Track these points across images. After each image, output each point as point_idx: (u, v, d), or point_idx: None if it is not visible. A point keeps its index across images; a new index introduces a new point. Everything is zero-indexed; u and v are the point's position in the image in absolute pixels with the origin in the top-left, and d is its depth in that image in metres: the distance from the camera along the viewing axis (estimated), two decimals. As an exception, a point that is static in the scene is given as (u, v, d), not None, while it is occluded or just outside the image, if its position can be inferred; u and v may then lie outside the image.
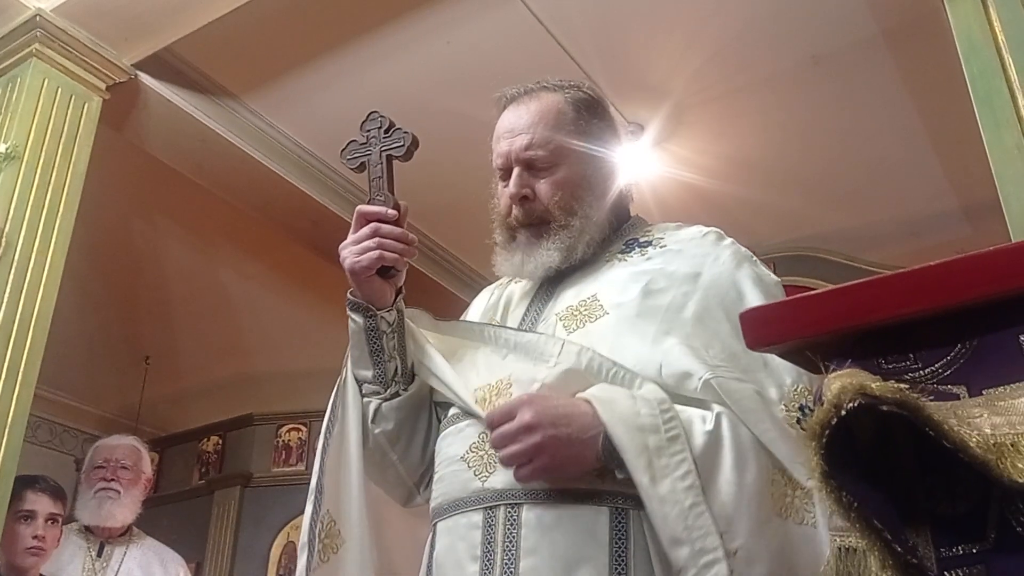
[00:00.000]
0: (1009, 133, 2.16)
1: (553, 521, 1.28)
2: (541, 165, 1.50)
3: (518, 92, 1.59)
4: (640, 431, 1.23)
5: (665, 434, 1.23)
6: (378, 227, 1.46)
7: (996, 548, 0.83)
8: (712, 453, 1.23)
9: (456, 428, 1.44)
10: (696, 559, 1.16)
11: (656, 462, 1.21)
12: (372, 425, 1.52)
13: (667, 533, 1.18)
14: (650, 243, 1.55)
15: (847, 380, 0.80)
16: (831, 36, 3.83)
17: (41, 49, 3.31)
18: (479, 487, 1.34)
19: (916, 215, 4.88)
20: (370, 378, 1.52)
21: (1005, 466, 0.78)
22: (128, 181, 4.59)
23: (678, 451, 1.22)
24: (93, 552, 3.14)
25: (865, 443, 0.89)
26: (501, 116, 1.58)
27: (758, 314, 0.93)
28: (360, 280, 1.47)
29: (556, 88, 1.58)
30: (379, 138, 1.56)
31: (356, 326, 1.50)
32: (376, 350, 1.50)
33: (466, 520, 1.34)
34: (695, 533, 1.17)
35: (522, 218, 1.52)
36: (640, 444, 1.22)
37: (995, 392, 0.84)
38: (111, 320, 5.97)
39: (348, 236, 1.50)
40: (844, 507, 0.80)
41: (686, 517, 1.18)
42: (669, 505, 1.19)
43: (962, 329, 0.87)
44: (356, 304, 1.50)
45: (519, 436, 1.25)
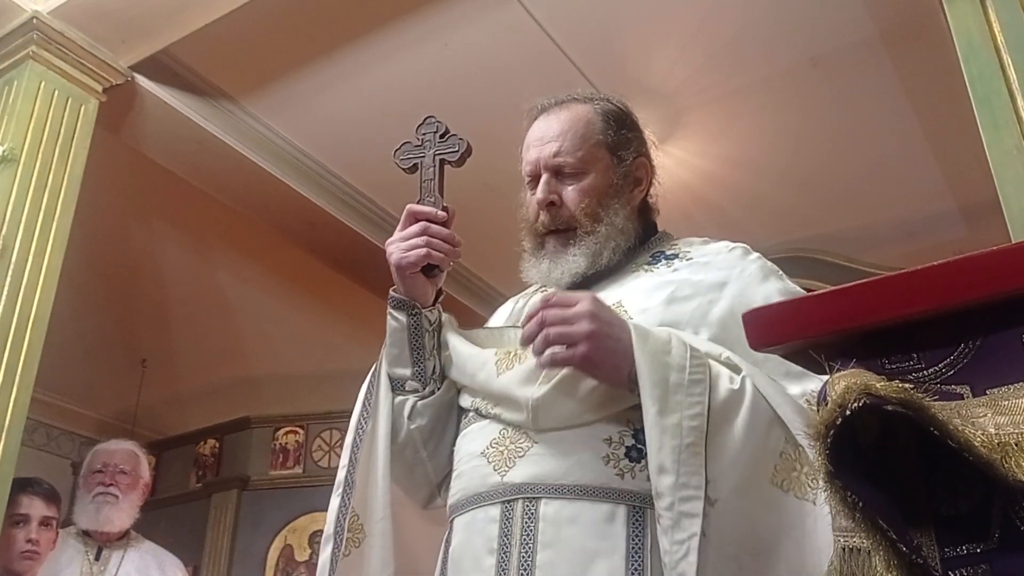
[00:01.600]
0: (1008, 134, 2.17)
1: (571, 516, 1.29)
2: (569, 171, 1.53)
3: (549, 103, 1.62)
4: (664, 366, 1.25)
5: (689, 375, 1.25)
6: (427, 226, 1.50)
7: (1000, 547, 0.83)
8: (728, 409, 1.24)
9: (478, 426, 1.45)
10: (676, 491, 1.17)
11: (671, 398, 1.23)
12: (408, 421, 1.54)
13: (657, 460, 1.20)
14: (676, 255, 1.58)
15: (852, 380, 0.80)
16: (829, 37, 3.83)
17: (38, 51, 3.30)
18: (498, 481, 1.35)
19: (913, 216, 4.89)
20: (409, 375, 1.54)
21: (1010, 465, 0.78)
22: (125, 184, 4.58)
23: (696, 394, 1.24)
24: (91, 556, 3.14)
25: (869, 443, 0.89)
26: (532, 126, 1.62)
27: (761, 314, 0.93)
28: (405, 276, 1.51)
29: (587, 100, 1.61)
30: (434, 142, 1.58)
31: (399, 324, 1.53)
32: (417, 347, 1.53)
33: (484, 514, 1.36)
34: (684, 468, 1.18)
35: (549, 224, 1.54)
36: (660, 377, 1.24)
37: (999, 392, 0.84)
38: (108, 323, 5.96)
39: (395, 232, 1.53)
40: (849, 507, 0.80)
41: (680, 452, 1.19)
42: (669, 436, 1.20)
43: (965, 329, 0.87)
44: (401, 301, 1.53)
45: (574, 319, 1.28)
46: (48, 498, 3.02)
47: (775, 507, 1.21)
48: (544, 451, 1.34)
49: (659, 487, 1.19)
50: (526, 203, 1.60)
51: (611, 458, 1.31)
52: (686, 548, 1.15)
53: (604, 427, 1.33)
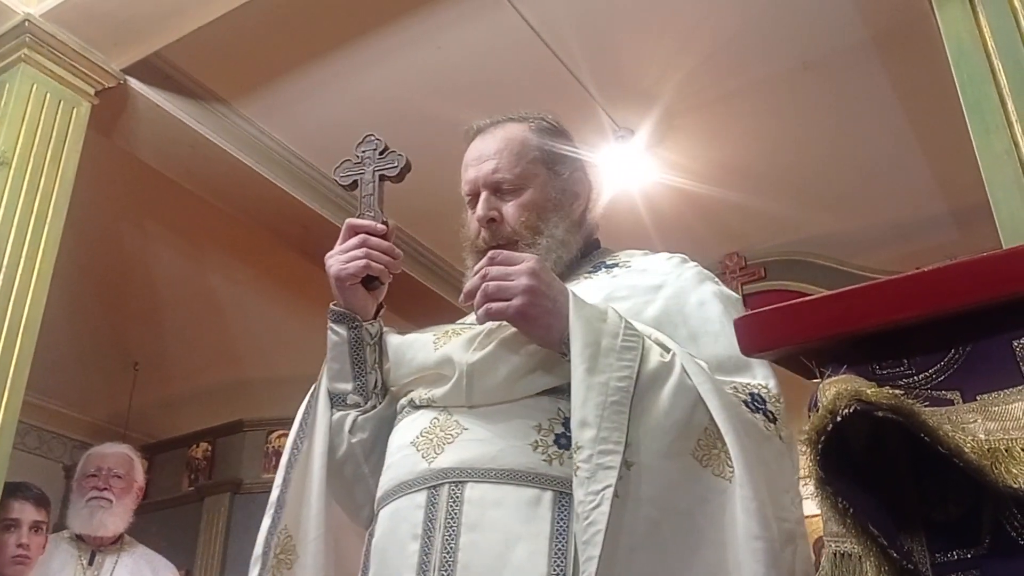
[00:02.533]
0: (999, 138, 2.18)
1: (497, 499, 1.29)
2: (507, 188, 1.55)
3: (485, 124, 1.65)
4: (597, 331, 1.27)
5: (621, 341, 1.27)
6: (366, 238, 1.50)
7: (991, 553, 0.83)
8: (656, 378, 1.25)
9: (410, 418, 1.44)
10: (596, 444, 1.18)
11: (601, 359, 1.24)
12: (349, 435, 1.52)
13: (580, 415, 1.21)
14: (617, 264, 1.59)
15: (842, 386, 0.80)
16: (821, 42, 3.84)
17: (30, 54, 3.29)
18: (425, 468, 1.35)
19: (905, 219, 4.90)
20: (350, 389, 1.53)
21: (1000, 471, 0.78)
22: (117, 187, 4.57)
23: (627, 360, 1.25)
24: (84, 560, 3.12)
25: (859, 450, 0.89)
26: (469, 147, 1.64)
27: (752, 320, 0.94)
28: (344, 288, 1.50)
29: (522, 119, 1.64)
30: (373, 159, 1.60)
31: (339, 338, 1.52)
32: (358, 361, 1.52)
33: (409, 501, 1.35)
34: (606, 423, 1.19)
35: (490, 240, 1.54)
36: (592, 339, 1.25)
37: (989, 398, 0.84)
38: (100, 326, 5.94)
39: (335, 247, 1.52)
40: (840, 512, 0.80)
41: (604, 408, 1.20)
42: (594, 393, 1.21)
43: (955, 335, 0.88)
44: (341, 315, 1.52)
45: (515, 275, 1.31)
46: (38, 502, 3.00)
47: (694, 479, 1.22)
48: (473, 437, 1.35)
49: (579, 440, 1.19)
50: (466, 222, 1.62)
51: (539, 444, 1.31)
52: (600, 498, 1.15)
53: (534, 414, 1.34)
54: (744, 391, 1.30)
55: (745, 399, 1.29)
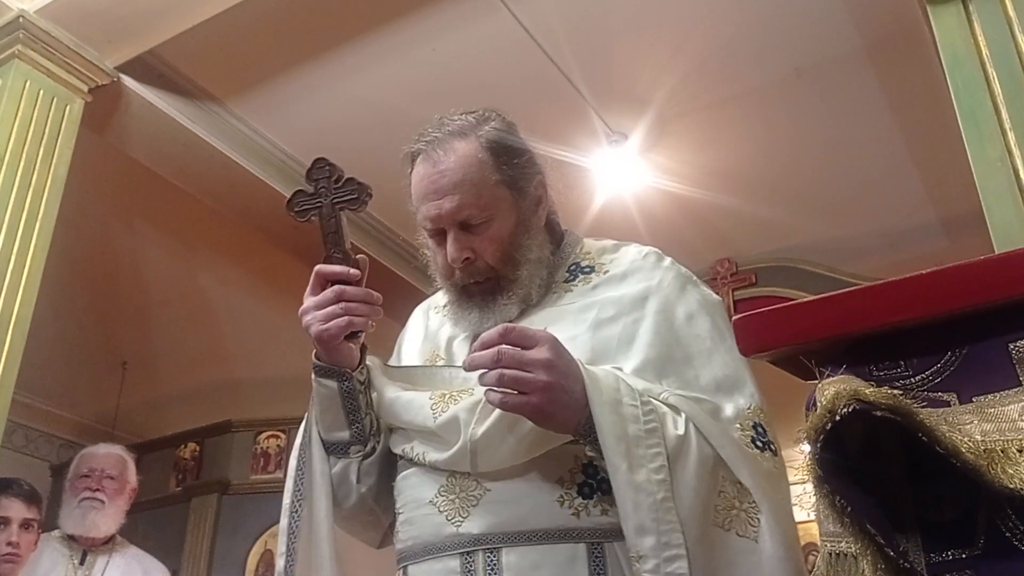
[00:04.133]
0: (993, 146, 2.19)
1: (534, 562, 1.27)
2: (475, 222, 1.44)
3: (427, 144, 1.49)
4: (622, 418, 1.23)
5: (644, 425, 1.23)
6: (342, 290, 1.40)
7: (985, 553, 0.84)
8: (681, 455, 1.23)
9: (422, 469, 1.40)
10: (660, 551, 1.16)
11: (634, 451, 1.21)
12: (358, 484, 1.48)
13: (635, 521, 1.18)
14: (592, 268, 1.54)
15: (841, 386, 0.80)
16: (814, 49, 3.86)
17: (23, 50, 3.28)
18: (453, 532, 1.32)
19: (895, 227, 4.93)
20: (348, 439, 1.47)
21: (996, 472, 0.79)
22: (109, 184, 4.56)
23: (655, 444, 1.22)
24: (76, 560, 3.11)
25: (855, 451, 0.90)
26: (415, 170, 1.50)
27: (752, 321, 0.94)
28: (329, 347, 1.42)
29: (467, 132, 1.49)
30: (330, 189, 1.47)
31: (329, 391, 1.45)
32: (352, 410, 1.46)
33: (442, 566, 1.32)
34: (663, 526, 1.17)
35: (468, 279, 1.47)
36: (621, 431, 1.22)
37: (985, 399, 0.85)
38: (88, 324, 5.92)
39: (307, 297, 1.43)
40: (838, 512, 0.81)
41: (657, 509, 1.18)
42: (643, 495, 1.19)
43: (952, 337, 0.88)
44: (328, 370, 1.44)
45: (532, 366, 1.23)
46: (28, 499, 2.99)
47: (721, 548, 1.21)
48: (498, 499, 1.32)
49: (641, 549, 1.17)
50: (431, 250, 1.52)
51: (565, 498, 1.30)
52: None
53: (554, 468, 1.31)
54: (748, 426, 1.30)
55: (752, 436, 1.28)
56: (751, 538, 1.22)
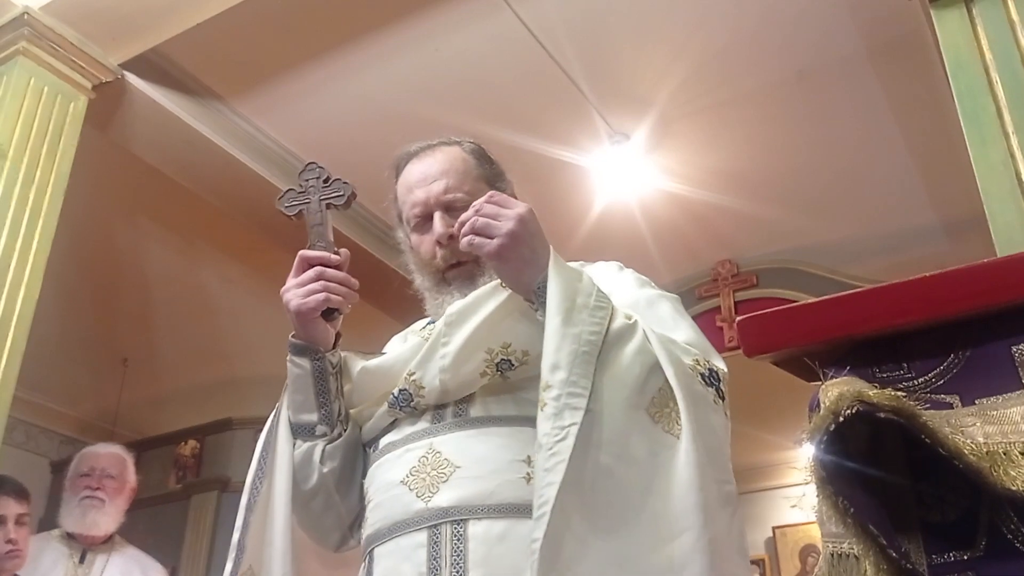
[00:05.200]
0: (995, 149, 2.19)
1: (500, 534, 1.31)
2: (460, 206, 1.54)
3: (418, 148, 1.67)
4: (573, 289, 1.34)
5: (594, 300, 1.34)
6: (322, 271, 1.51)
7: (986, 555, 0.84)
8: (620, 337, 1.31)
9: (394, 455, 1.45)
10: (566, 386, 1.24)
11: (575, 315, 1.30)
12: (320, 465, 1.52)
13: (553, 359, 1.26)
14: None
15: (845, 387, 0.81)
16: (816, 51, 3.87)
17: (28, 47, 3.28)
18: (422, 507, 1.36)
19: (896, 230, 4.93)
20: (316, 420, 1.53)
21: (999, 474, 0.79)
22: (112, 182, 4.56)
23: (599, 317, 1.32)
24: (76, 559, 3.13)
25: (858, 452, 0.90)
26: (405, 171, 1.66)
27: (755, 322, 0.95)
28: (305, 321, 1.50)
29: (452, 142, 1.67)
30: (318, 188, 1.60)
31: (301, 370, 1.52)
32: (322, 391, 1.52)
33: (409, 540, 1.36)
34: (576, 369, 1.25)
35: (449, 258, 1.57)
36: (568, 296, 1.32)
37: (988, 402, 0.85)
38: (90, 321, 5.92)
39: (289, 279, 1.53)
40: (840, 512, 0.81)
41: (576, 356, 1.26)
42: (568, 341, 1.27)
43: (955, 340, 0.89)
44: (303, 347, 1.52)
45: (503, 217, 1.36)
46: (19, 495, 2.99)
47: (646, 432, 1.27)
48: (467, 475, 1.36)
49: (550, 380, 1.25)
50: (413, 245, 1.64)
51: (531, 476, 1.32)
52: (565, 432, 1.21)
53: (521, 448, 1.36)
54: (704, 365, 1.34)
55: (703, 372, 1.33)
56: (674, 435, 1.26)
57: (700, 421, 1.25)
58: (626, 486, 1.23)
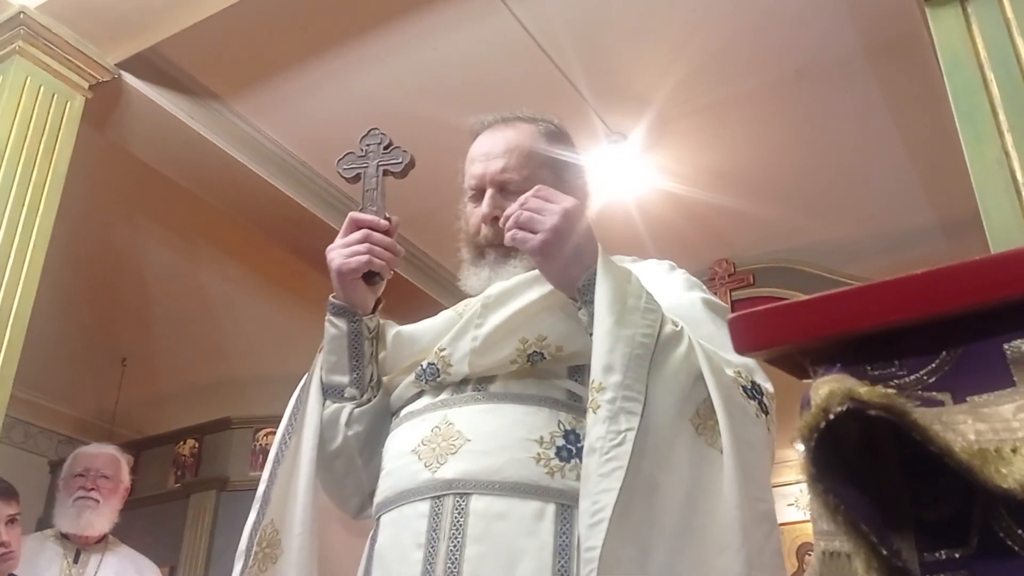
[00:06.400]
0: (990, 148, 2.20)
1: (501, 512, 1.30)
2: (513, 189, 1.54)
3: (494, 119, 1.65)
4: (623, 290, 1.32)
5: (644, 303, 1.32)
6: (369, 234, 1.50)
7: (979, 553, 0.84)
8: (669, 342, 1.30)
9: (409, 424, 1.46)
10: (621, 389, 1.22)
11: (627, 316, 1.29)
12: (345, 428, 1.52)
13: (606, 360, 1.25)
14: None
15: (835, 385, 0.81)
16: (814, 51, 3.87)
17: (24, 46, 3.29)
18: (428, 477, 1.36)
19: (894, 229, 4.94)
20: (347, 383, 1.54)
21: (989, 472, 0.79)
22: (109, 181, 4.57)
23: (650, 319, 1.30)
24: (70, 559, 3.14)
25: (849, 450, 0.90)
26: (476, 141, 1.64)
27: (746, 319, 0.94)
28: (346, 282, 1.50)
29: (531, 120, 1.65)
30: (377, 153, 1.59)
31: (338, 331, 1.52)
32: (356, 355, 1.52)
33: (412, 510, 1.36)
34: (631, 372, 1.23)
35: (492, 238, 1.55)
36: (619, 296, 1.30)
37: (979, 399, 0.85)
38: (88, 321, 5.93)
39: (336, 239, 1.52)
40: (831, 510, 0.81)
41: (630, 359, 1.24)
42: (622, 344, 1.25)
43: (947, 337, 0.88)
44: (341, 308, 1.52)
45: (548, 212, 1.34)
46: (8, 496, 2.98)
47: (690, 444, 1.26)
48: (476, 448, 1.36)
49: (604, 382, 1.23)
50: (466, 215, 1.63)
51: (542, 457, 1.33)
52: (622, 438, 1.19)
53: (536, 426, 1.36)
54: (746, 378, 1.33)
55: (744, 385, 1.32)
56: (717, 448, 1.25)
57: (738, 434, 1.24)
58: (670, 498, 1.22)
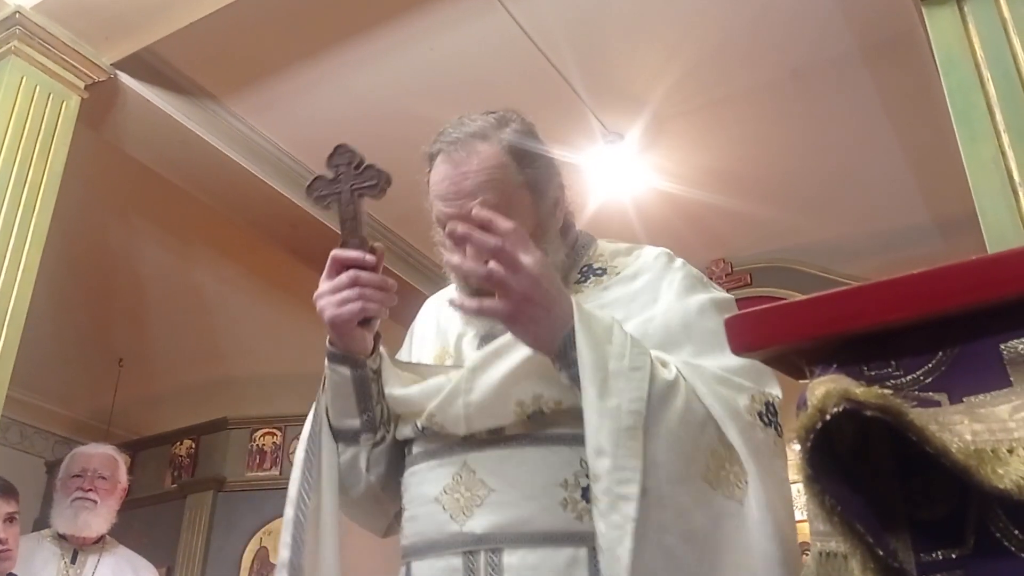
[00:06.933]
0: (986, 147, 2.20)
1: (535, 564, 1.27)
2: None
3: (448, 144, 1.46)
4: (604, 353, 1.24)
5: (629, 362, 1.24)
6: (357, 275, 1.39)
7: (975, 553, 0.84)
8: (664, 399, 1.23)
9: (427, 466, 1.41)
10: (614, 472, 1.17)
11: (611, 383, 1.22)
12: (367, 473, 1.48)
13: (595, 442, 1.19)
14: (604, 270, 1.53)
15: (831, 385, 0.81)
16: (809, 50, 3.87)
17: (20, 46, 3.28)
18: (457, 530, 1.32)
19: (890, 228, 4.94)
20: (359, 427, 1.47)
21: (985, 472, 0.79)
22: (105, 181, 4.56)
23: (637, 380, 1.23)
24: (67, 559, 3.13)
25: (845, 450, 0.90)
26: (436, 168, 1.47)
27: (743, 320, 0.94)
28: (342, 333, 1.41)
29: (488, 134, 1.46)
30: (350, 174, 1.44)
31: (341, 378, 1.44)
32: (364, 397, 1.45)
33: (444, 563, 1.33)
34: (622, 451, 1.17)
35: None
36: (601, 363, 1.23)
37: (975, 399, 0.85)
38: (85, 321, 5.92)
39: (322, 282, 1.42)
40: (827, 511, 0.81)
41: (619, 435, 1.18)
42: (608, 419, 1.19)
43: (943, 337, 0.88)
44: (342, 357, 1.44)
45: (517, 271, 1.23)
46: (7, 494, 2.97)
47: (706, 503, 1.21)
48: (502, 500, 1.32)
49: (596, 469, 1.18)
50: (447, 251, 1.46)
51: (568, 501, 1.30)
52: (621, 532, 1.14)
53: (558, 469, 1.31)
54: (760, 400, 1.29)
55: (760, 410, 1.28)
56: (736, 500, 1.22)
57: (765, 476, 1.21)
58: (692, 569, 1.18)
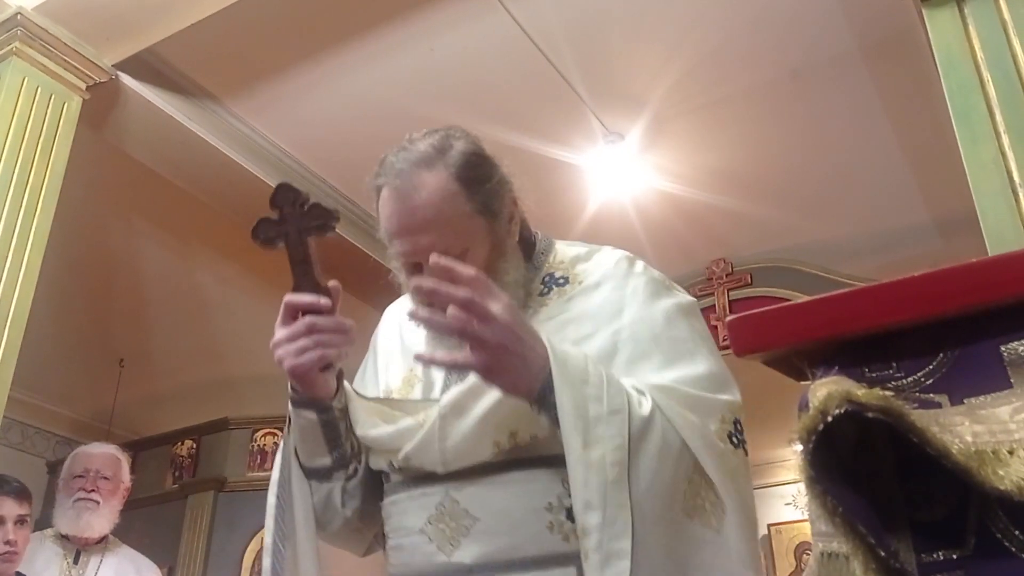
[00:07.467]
0: (986, 148, 2.20)
1: None
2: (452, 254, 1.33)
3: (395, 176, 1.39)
4: (583, 398, 1.22)
5: (607, 406, 1.23)
6: (314, 322, 1.36)
7: (976, 554, 0.84)
8: (644, 437, 1.23)
9: (408, 495, 1.40)
10: (605, 528, 1.16)
11: (592, 431, 1.21)
12: (343, 508, 1.47)
13: (583, 496, 1.18)
14: (567, 279, 1.51)
15: (833, 387, 0.81)
16: (809, 51, 3.87)
17: (21, 47, 3.29)
18: (445, 561, 1.32)
19: (890, 228, 4.94)
20: (329, 464, 1.45)
21: (986, 473, 0.79)
22: (106, 182, 4.56)
23: (617, 423, 1.22)
24: (70, 559, 3.12)
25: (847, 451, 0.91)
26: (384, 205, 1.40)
27: (746, 322, 0.95)
28: (303, 381, 1.39)
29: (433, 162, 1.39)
30: (295, 214, 1.40)
31: (307, 422, 1.42)
32: (333, 436, 1.44)
33: None
34: (610, 504, 1.17)
35: None
36: (581, 410, 1.22)
37: (976, 401, 0.85)
38: (86, 322, 5.92)
39: (277, 329, 1.39)
40: (828, 512, 0.81)
41: (606, 488, 1.18)
42: (595, 473, 1.19)
43: (944, 339, 0.89)
44: (307, 402, 1.42)
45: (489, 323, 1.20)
46: (20, 496, 2.97)
47: (684, 536, 1.22)
48: (488, 529, 1.31)
49: (585, 524, 1.17)
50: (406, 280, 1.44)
51: (555, 524, 1.29)
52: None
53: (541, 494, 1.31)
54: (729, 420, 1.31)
55: (730, 430, 1.30)
56: (713, 528, 1.23)
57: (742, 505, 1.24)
58: None
